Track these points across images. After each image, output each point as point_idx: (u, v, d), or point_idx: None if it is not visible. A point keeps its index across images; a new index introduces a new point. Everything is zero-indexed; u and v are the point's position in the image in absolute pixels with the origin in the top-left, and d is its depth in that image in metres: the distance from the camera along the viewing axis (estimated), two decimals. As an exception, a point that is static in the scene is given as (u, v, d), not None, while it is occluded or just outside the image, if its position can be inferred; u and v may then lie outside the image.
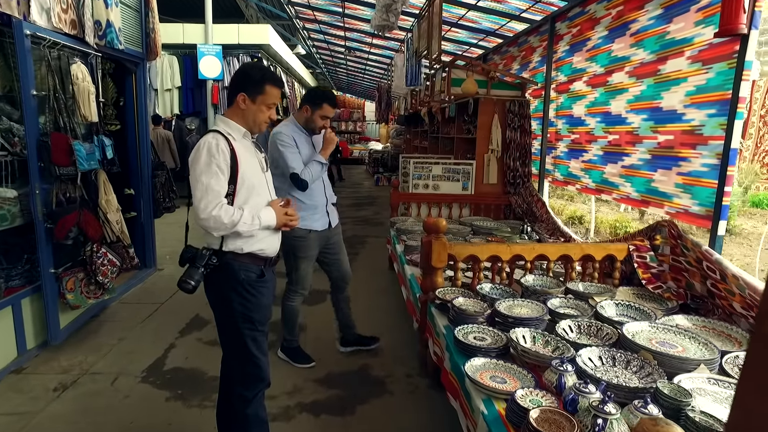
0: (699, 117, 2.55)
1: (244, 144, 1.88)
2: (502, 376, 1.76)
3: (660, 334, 1.93)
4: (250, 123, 1.88)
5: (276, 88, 1.87)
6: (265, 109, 1.86)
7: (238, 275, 1.83)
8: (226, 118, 1.88)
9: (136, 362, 2.91)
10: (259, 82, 1.83)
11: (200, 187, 1.73)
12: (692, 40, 2.58)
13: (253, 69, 1.87)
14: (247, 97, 1.83)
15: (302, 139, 2.76)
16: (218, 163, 1.74)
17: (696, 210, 2.57)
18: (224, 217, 1.72)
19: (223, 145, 1.76)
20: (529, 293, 2.38)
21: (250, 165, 1.85)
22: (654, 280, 2.53)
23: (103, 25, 3.30)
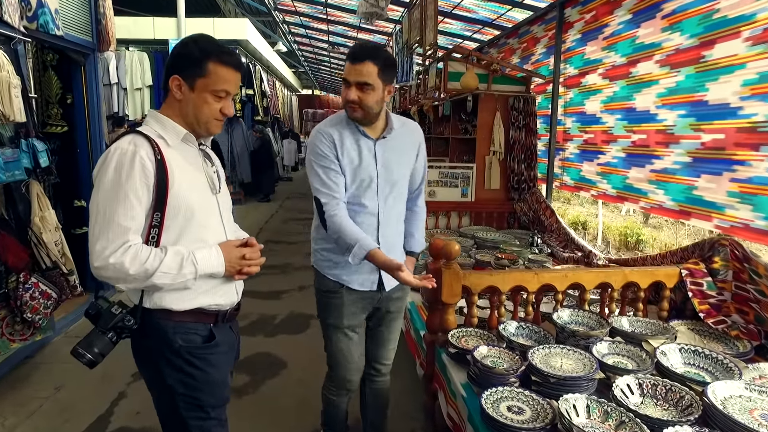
0: (765, 111, 2.08)
1: (183, 152, 1.34)
2: (557, 474, 1.25)
3: (759, 401, 1.45)
4: (191, 120, 1.34)
5: (227, 68, 1.31)
6: (210, 98, 1.31)
7: (173, 342, 1.30)
8: (160, 114, 1.34)
9: (71, 422, 2.34)
10: (198, 60, 1.28)
11: (100, 218, 1.19)
12: (754, 16, 2.11)
13: (192, 42, 1.31)
14: (183, 81, 1.29)
15: (351, 140, 1.76)
16: (133, 184, 1.20)
17: (761, 225, 2.11)
18: (130, 265, 1.18)
19: (144, 155, 1.22)
20: (565, 335, 1.88)
21: (190, 183, 1.31)
22: (714, 313, 2.05)
23: (33, 4, 2.72)
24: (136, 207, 1.21)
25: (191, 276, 1.25)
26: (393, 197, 1.85)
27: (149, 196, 1.23)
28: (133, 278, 1.19)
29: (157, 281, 1.21)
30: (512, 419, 1.43)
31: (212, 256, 1.30)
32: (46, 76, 3.57)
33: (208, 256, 1.29)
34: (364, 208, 1.79)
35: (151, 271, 1.20)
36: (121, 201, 1.19)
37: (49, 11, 2.87)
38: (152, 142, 1.26)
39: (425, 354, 2.14)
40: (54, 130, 3.63)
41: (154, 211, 1.24)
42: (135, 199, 1.20)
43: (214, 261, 1.30)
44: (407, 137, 1.89)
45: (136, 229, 1.22)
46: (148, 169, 1.22)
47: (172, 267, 1.23)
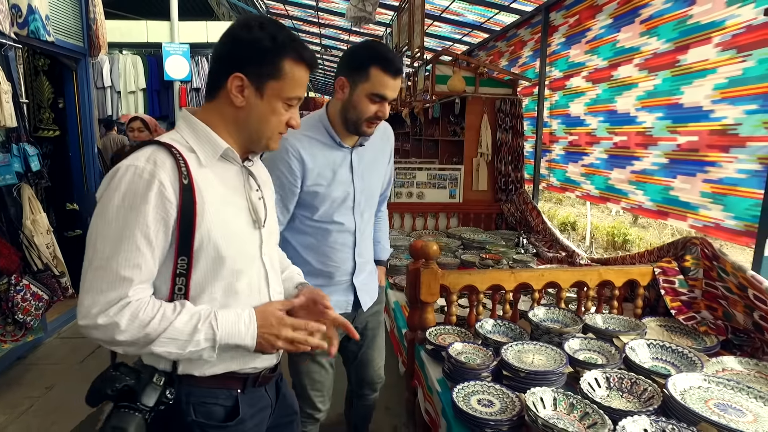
0: (733, 114, 2.15)
1: (219, 172, 1.03)
2: (521, 463, 1.31)
3: (716, 392, 1.51)
4: (250, 133, 1.04)
5: (305, 68, 1.02)
6: (281, 107, 1.02)
7: (185, 414, 1.01)
8: (197, 121, 1.03)
9: (60, 422, 2.38)
10: (271, 56, 0.97)
11: (95, 260, 0.90)
12: (723, 23, 2.18)
13: (260, 27, 0.98)
14: (248, 81, 0.98)
15: (323, 154, 1.58)
16: (143, 221, 0.90)
17: (731, 224, 2.18)
18: (126, 328, 0.89)
19: (165, 179, 0.92)
20: (540, 332, 1.94)
21: (224, 216, 1.00)
22: (685, 309, 2.12)
23: (24, 11, 2.77)
24: (146, 252, 0.91)
25: (207, 344, 0.94)
26: (369, 210, 1.75)
27: (167, 237, 0.94)
28: (129, 344, 0.91)
29: (158, 349, 0.92)
30: (481, 411, 1.49)
31: (240, 322, 0.98)
32: (38, 81, 3.62)
33: (235, 320, 0.97)
34: (339, 226, 1.64)
35: (152, 336, 0.91)
36: (124, 242, 0.89)
37: (40, 17, 2.92)
38: (179, 159, 0.95)
39: (406, 351, 2.20)
40: (46, 134, 3.69)
41: (178, 255, 0.95)
42: (144, 242, 0.91)
43: (242, 328, 0.98)
44: (381, 141, 1.76)
45: (142, 279, 0.93)
46: (169, 198, 0.92)
47: (183, 331, 0.93)
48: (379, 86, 1.49)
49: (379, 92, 1.50)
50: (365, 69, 1.49)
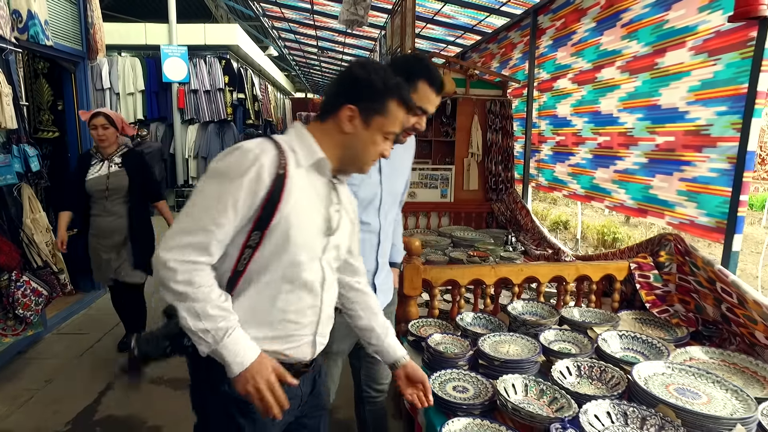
0: (706, 115, 2.24)
1: (312, 180, 1.17)
2: (489, 443, 1.39)
3: (677, 378, 1.60)
4: (349, 156, 1.20)
5: (404, 109, 1.19)
6: (379, 139, 1.18)
7: (219, 384, 1.13)
8: (306, 132, 1.19)
9: (60, 412, 2.47)
10: (381, 95, 1.15)
11: (189, 210, 1.07)
12: (696, 28, 2.27)
13: (375, 72, 1.16)
14: (359, 112, 1.15)
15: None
16: (237, 189, 1.05)
17: (704, 221, 2.26)
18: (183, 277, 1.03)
19: (266, 163, 1.07)
20: (517, 324, 2.03)
21: (303, 212, 1.13)
22: (659, 303, 2.20)
23: (24, 16, 2.86)
24: (230, 215, 1.05)
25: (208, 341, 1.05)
26: (391, 212, 1.79)
27: (250, 209, 1.07)
28: (173, 293, 1.05)
29: (182, 311, 1.05)
30: (455, 397, 1.57)
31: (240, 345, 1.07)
32: (38, 84, 3.71)
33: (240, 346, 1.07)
34: (365, 226, 1.67)
35: (189, 299, 1.04)
36: (218, 203, 1.05)
37: (39, 22, 3.01)
38: (282, 153, 1.10)
39: (392, 344, 2.28)
40: (46, 135, 3.78)
41: (253, 229, 1.08)
42: (231, 208, 1.05)
43: (239, 359, 1.06)
44: (405, 147, 1.81)
45: (219, 239, 1.06)
46: (264, 179, 1.06)
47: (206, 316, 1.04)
48: (423, 100, 1.53)
49: (422, 106, 1.54)
50: (412, 82, 1.50)
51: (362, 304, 1.40)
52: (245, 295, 1.13)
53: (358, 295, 1.40)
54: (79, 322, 3.69)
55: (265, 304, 1.14)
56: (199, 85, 9.10)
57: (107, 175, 2.87)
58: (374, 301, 1.43)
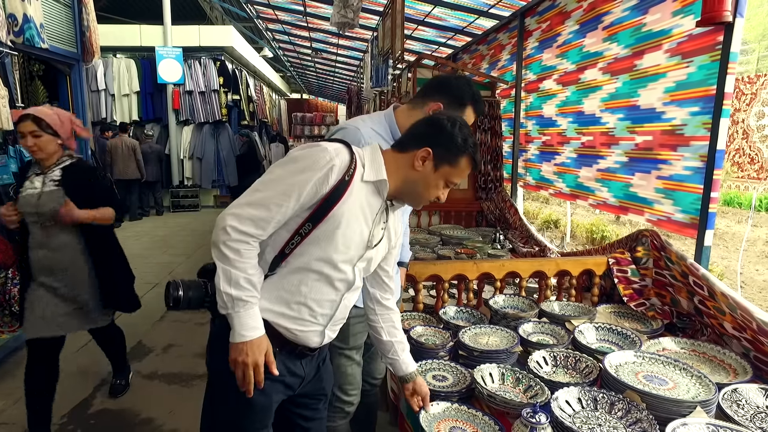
0: (680, 115, 2.32)
1: (370, 197, 1.28)
2: (464, 426, 1.47)
3: (647, 366, 1.68)
4: (411, 190, 1.31)
5: (471, 164, 1.32)
6: (441, 184, 1.31)
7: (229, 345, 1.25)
8: (380, 155, 1.31)
9: (56, 406, 2.52)
10: (457, 149, 1.27)
11: (259, 186, 1.21)
12: (670, 31, 2.35)
13: (460, 128, 1.29)
14: (433, 157, 1.26)
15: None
16: (306, 181, 1.18)
17: (680, 217, 2.34)
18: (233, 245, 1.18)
19: (338, 165, 1.20)
20: (498, 317, 2.10)
21: (353, 221, 1.25)
22: (636, 296, 2.29)
23: (20, 19, 2.92)
24: (292, 202, 1.18)
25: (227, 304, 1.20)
26: (406, 214, 1.85)
27: (310, 202, 1.20)
28: (219, 252, 1.18)
29: (220, 270, 1.19)
30: (434, 385, 1.65)
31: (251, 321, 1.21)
32: (33, 86, 3.77)
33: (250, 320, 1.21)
34: None
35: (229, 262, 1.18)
36: (286, 188, 1.17)
37: (35, 26, 3.07)
38: (354, 163, 1.23)
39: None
40: (41, 136, 3.83)
41: (308, 219, 1.21)
42: (296, 195, 1.17)
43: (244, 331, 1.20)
44: None
45: (277, 219, 1.19)
46: (330, 180, 1.19)
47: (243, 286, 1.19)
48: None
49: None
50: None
51: (387, 321, 1.52)
52: (279, 273, 1.27)
53: (384, 311, 1.52)
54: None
55: (290, 285, 1.27)
56: (194, 87, 9.16)
57: (38, 194, 2.20)
58: (398, 318, 1.55)
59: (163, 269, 5.32)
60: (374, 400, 2.12)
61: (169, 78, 8.86)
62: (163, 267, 5.42)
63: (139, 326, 3.61)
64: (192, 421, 2.13)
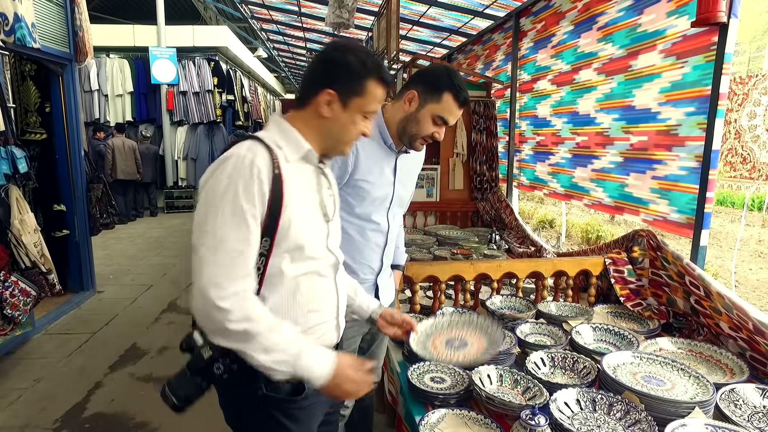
0: (676, 116, 2.33)
1: (300, 169, 1.16)
2: (462, 431, 1.46)
3: (644, 367, 1.67)
4: (331, 140, 1.19)
5: (383, 87, 1.18)
6: (359, 119, 1.18)
7: (257, 389, 1.13)
8: (286, 124, 1.17)
9: (49, 410, 2.51)
10: (358, 77, 1.13)
11: (208, 240, 1.02)
12: (665, 32, 2.36)
13: (352, 52, 1.14)
14: (338, 96, 1.14)
15: (374, 150, 1.65)
16: (251, 199, 1.03)
17: (675, 218, 2.35)
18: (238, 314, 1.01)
19: (262, 166, 1.05)
20: (495, 318, 2.10)
21: (302, 207, 1.13)
22: (633, 297, 2.29)
23: (10, 19, 2.88)
24: (253, 228, 1.03)
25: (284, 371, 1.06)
26: (399, 214, 1.83)
27: (262, 214, 1.05)
28: (232, 334, 1.02)
29: (249, 350, 1.03)
30: (432, 387, 1.64)
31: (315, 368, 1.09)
32: (25, 86, 3.73)
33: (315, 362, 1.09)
34: (375, 225, 1.71)
35: (249, 333, 1.02)
36: (236, 219, 1.02)
37: (26, 25, 3.04)
38: (272, 153, 1.09)
39: (375, 339, 2.34)
40: (33, 137, 3.79)
41: (262, 236, 1.06)
42: (251, 218, 1.03)
43: (316, 373, 1.09)
44: (418, 153, 1.85)
45: (253, 256, 1.05)
46: (264, 182, 1.05)
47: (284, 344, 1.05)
48: (446, 111, 1.55)
49: (444, 116, 1.56)
50: (439, 92, 1.54)
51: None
52: (267, 297, 1.13)
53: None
54: (67, 322, 3.71)
55: (286, 302, 1.15)
56: (188, 87, 9.11)
57: None
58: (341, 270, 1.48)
59: (158, 271, 5.29)
60: (369, 403, 2.12)
61: (163, 78, 8.81)
62: (157, 268, 5.38)
63: (133, 328, 3.59)
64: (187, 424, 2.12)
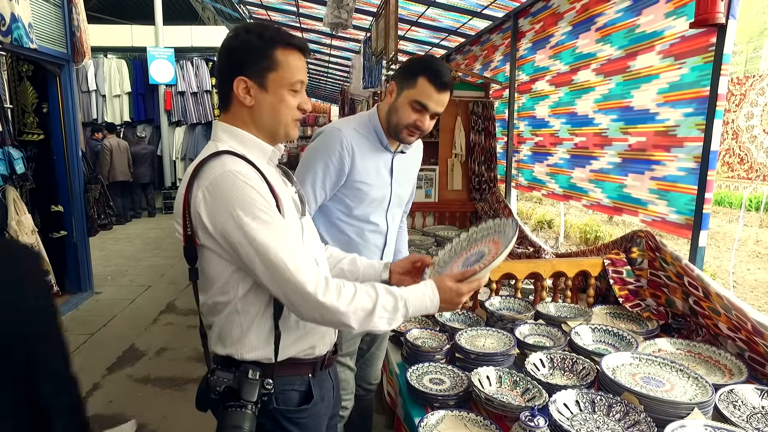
0: (674, 117, 2.33)
1: (270, 171, 1.14)
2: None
3: (643, 368, 1.67)
4: (269, 127, 1.12)
5: (296, 53, 1.09)
6: (287, 95, 1.10)
7: (267, 403, 1.10)
8: (236, 129, 1.12)
9: (46, 412, 2.50)
10: (263, 51, 1.06)
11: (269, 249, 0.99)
12: (663, 33, 2.36)
13: (246, 32, 1.08)
14: (251, 81, 1.07)
15: (370, 152, 1.66)
16: (271, 203, 1.03)
17: (674, 218, 2.35)
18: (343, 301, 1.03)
19: (255, 176, 1.05)
20: (494, 319, 2.10)
21: (286, 206, 1.12)
22: (632, 297, 2.29)
23: (7, 19, 2.87)
24: (286, 222, 1.06)
25: (402, 320, 1.12)
26: (398, 215, 1.83)
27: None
28: (348, 319, 1.04)
29: (372, 326, 1.07)
30: (431, 389, 1.64)
31: (426, 299, 1.14)
32: (22, 87, 3.72)
33: (421, 298, 1.13)
34: (373, 226, 1.71)
35: (367, 309, 1.05)
36: (277, 223, 1.02)
37: (23, 25, 3.02)
38: (244, 158, 1.07)
39: (374, 340, 2.34)
40: (30, 138, 3.78)
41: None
42: (275, 215, 1.04)
43: (428, 303, 1.14)
44: (415, 152, 1.86)
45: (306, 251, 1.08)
46: (262, 186, 1.05)
47: (388, 308, 1.08)
48: (423, 95, 1.55)
49: (421, 100, 1.56)
50: (414, 77, 1.56)
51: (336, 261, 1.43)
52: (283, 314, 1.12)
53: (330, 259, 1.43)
54: (65, 323, 3.68)
55: (288, 311, 1.12)
56: (186, 87, 9.10)
57: None
58: (334, 249, 1.47)
59: (156, 272, 5.28)
60: (368, 405, 2.12)
61: (161, 79, 8.79)
62: (155, 269, 5.37)
63: (131, 329, 3.58)
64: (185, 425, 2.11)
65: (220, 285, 1.09)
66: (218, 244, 1.04)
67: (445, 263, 1.45)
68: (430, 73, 1.56)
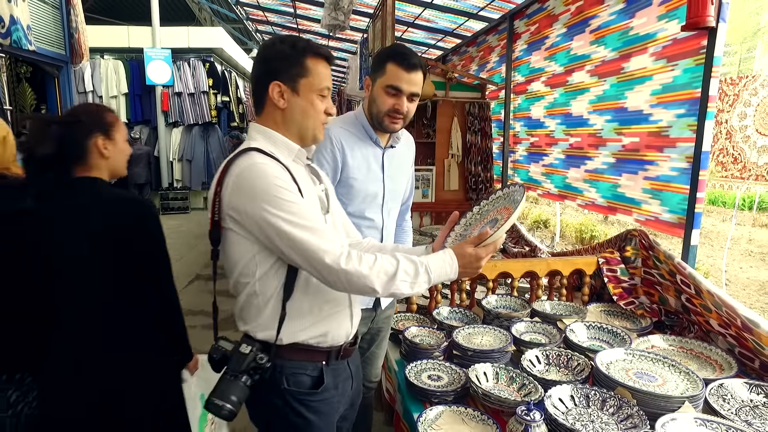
0: (667, 117, 2.37)
1: (297, 170, 1.22)
2: (459, 427, 1.49)
3: (636, 363, 1.71)
4: (299, 129, 1.23)
5: (324, 62, 1.21)
6: (316, 100, 1.21)
7: (279, 383, 1.19)
8: (269, 130, 1.22)
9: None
10: (296, 58, 1.17)
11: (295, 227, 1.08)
12: (656, 35, 2.40)
13: (280, 42, 1.19)
14: (284, 86, 1.18)
15: (360, 148, 1.71)
16: (286, 185, 1.11)
17: (667, 217, 2.39)
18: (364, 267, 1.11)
19: (280, 169, 1.14)
20: (491, 317, 2.13)
21: (311, 203, 1.20)
22: (626, 295, 2.33)
23: (6, 21, 2.89)
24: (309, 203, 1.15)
25: (425, 285, 1.18)
26: (393, 210, 1.85)
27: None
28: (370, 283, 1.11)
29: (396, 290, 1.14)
30: (429, 385, 1.67)
31: (446, 265, 1.20)
32: (21, 88, 3.73)
33: (441, 265, 1.19)
34: (369, 222, 1.74)
35: (389, 273, 1.12)
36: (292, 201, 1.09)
37: (22, 28, 3.04)
38: (272, 155, 1.16)
39: (373, 339, 2.37)
40: (28, 139, 3.79)
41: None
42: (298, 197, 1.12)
43: (448, 269, 1.20)
44: (405, 147, 1.89)
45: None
46: (288, 181, 1.13)
47: (409, 272, 1.15)
48: (393, 78, 1.60)
49: (393, 84, 1.60)
50: (383, 65, 1.62)
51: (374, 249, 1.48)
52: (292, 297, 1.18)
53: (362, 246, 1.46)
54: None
55: (300, 296, 1.20)
56: (183, 88, 9.10)
57: None
58: (374, 242, 1.52)
59: (154, 272, 5.27)
60: (369, 403, 2.15)
61: (158, 79, 8.79)
62: (153, 270, 5.36)
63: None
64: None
65: (241, 267, 1.17)
66: (242, 226, 1.13)
67: (461, 236, 1.49)
68: (396, 56, 1.61)
